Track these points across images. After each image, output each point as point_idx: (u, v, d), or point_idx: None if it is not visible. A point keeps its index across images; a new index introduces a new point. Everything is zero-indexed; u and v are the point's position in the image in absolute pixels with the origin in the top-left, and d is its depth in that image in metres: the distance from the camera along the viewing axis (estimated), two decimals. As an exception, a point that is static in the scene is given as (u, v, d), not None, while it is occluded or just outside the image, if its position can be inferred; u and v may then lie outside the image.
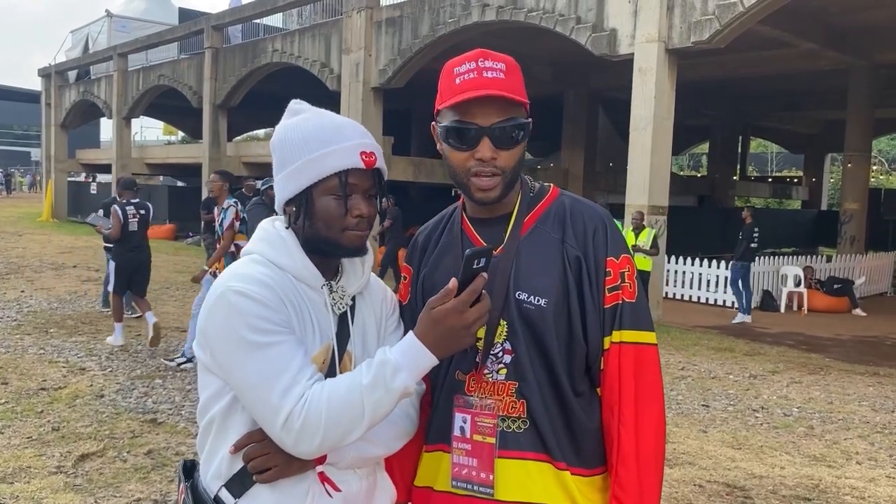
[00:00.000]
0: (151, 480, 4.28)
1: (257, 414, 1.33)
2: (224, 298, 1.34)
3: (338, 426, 1.29)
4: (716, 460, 5.08)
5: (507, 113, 1.44)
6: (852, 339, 10.72)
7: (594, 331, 1.48)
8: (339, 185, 1.39)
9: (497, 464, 1.47)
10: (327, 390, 1.29)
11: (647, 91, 11.02)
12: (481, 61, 1.46)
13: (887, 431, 5.98)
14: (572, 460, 1.47)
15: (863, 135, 16.73)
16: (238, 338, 1.31)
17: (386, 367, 1.30)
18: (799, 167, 35.04)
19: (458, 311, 1.29)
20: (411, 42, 14.94)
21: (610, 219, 1.56)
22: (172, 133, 46.84)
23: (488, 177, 1.46)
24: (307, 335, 1.39)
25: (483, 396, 1.49)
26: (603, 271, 1.49)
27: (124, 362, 7.06)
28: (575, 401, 1.48)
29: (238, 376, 1.33)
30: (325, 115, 1.47)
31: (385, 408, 1.31)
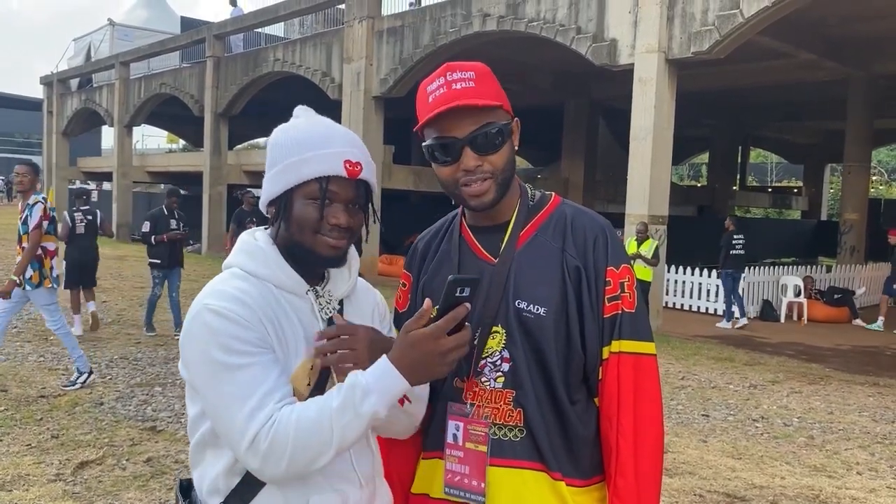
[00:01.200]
0: (150, 489, 4.28)
1: (224, 435, 1.31)
2: (199, 318, 1.32)
3: (305, 449, 1.26)
4: (716, 470, 5.07)
5: (481, 119, 1.45)
6: (852, 350, 10.71)
7: (592, 340, 1.48)
8: (319, 191, 1.37)
9: (492, 472, 1.47)
10: (296, 413, 1.27)
11: (648, 101, 11.05)
12: (449, 74, 1.47)
13: (888, 442, 5.98)
14: (568, 470, 1.48)
15: (862, 145, 16.77)
16: (210, 359, 1.29)
17: (356, 389, 1.26)
18: (798, 177, 35.10)
19: (434, 337, 1.26)
20: (412, 51, 15.00)
21: (611, 229, 1.56)
22: (174, 141, 46.92)
23: (479, 182, 1.46)
24: (289, 347, 1.36)
25: (476, 404, 1.50)
26: (603, 281, 1.49)
27: (124, 370, 7.06)
28: (572, 410, 1.48)
29: (208, 396, 1.31)
30: (319, 122, 1.45)
31: (354, 432, 1.28)
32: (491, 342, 1.51)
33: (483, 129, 1.45)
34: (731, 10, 10.27)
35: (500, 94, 1.50)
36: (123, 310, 10.61)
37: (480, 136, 1.45)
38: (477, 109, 1.44)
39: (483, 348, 1.50)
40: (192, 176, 24.46)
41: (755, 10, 10.05)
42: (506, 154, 1.49)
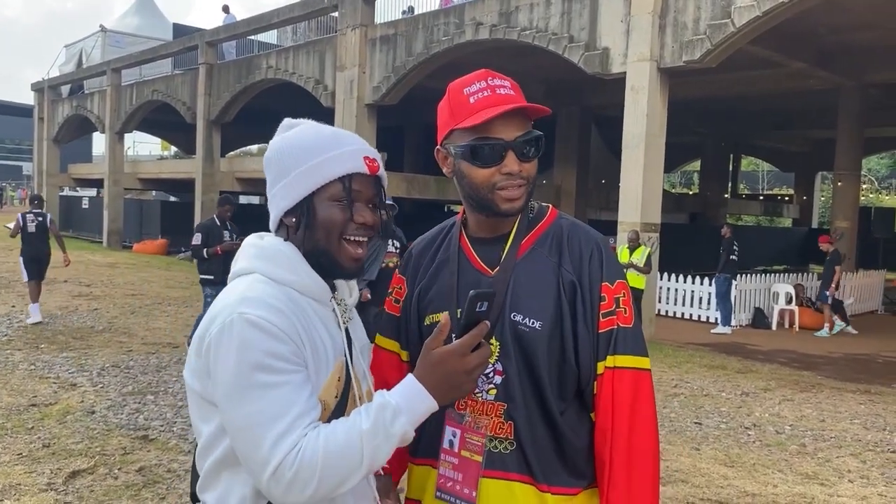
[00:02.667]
0: (143, 498, 4.25)
1: (245, 458, 1.24)
2: (233, 328, 1.24)
3: (334, 475, 1.21)
4: (709, 478, 5.08)
5: (525, 126, 1.48)
6: (844, 357, 10.76)
7: (586, 355, 1.49)
8: (343, 191, 1.34)
9: (482, 483, 1.48)
10: (323, 437, 1.21)
11: (640, 109, 11.10)
12: (491, 80, 1.49)
13: (879, 449, 6.00)
14: (555, 481, 1.48)
15: (853, 154, 16.88)
16: (241, 375, 1.22)
17: (386, 410, 1.23)
18: (790, 185, 35.31)
19: (459, 354, 1.26)
20: (405, 59, 15.03)
21: (605, 244, 1.57)
22: (166, 149, 46.84)
23: (516, 188, 1.47)
24: (321, 358, 1.32)
25: (475, 415, 1.50)
26: (598, 296, 1.50)
27: (115, 378, 7.02)
28: (563, 422, 1.49)
29: (231, 415, 1.23)
30: (322, 127, 1.43)
31: (383, 454, 1.24)
32: None
33: (529, 136, 1.48)
34: (722, 19, 10.34)
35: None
36: (115, 317, 10.56)
37: (525, 142, 1.47)
38: (524, 115, 1.48)
39: None
40: (183, 183, 24.43)
41: (746, 20, 10.12)
42: (536, 164, 1.52)
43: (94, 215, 28.17)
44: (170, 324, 10.31)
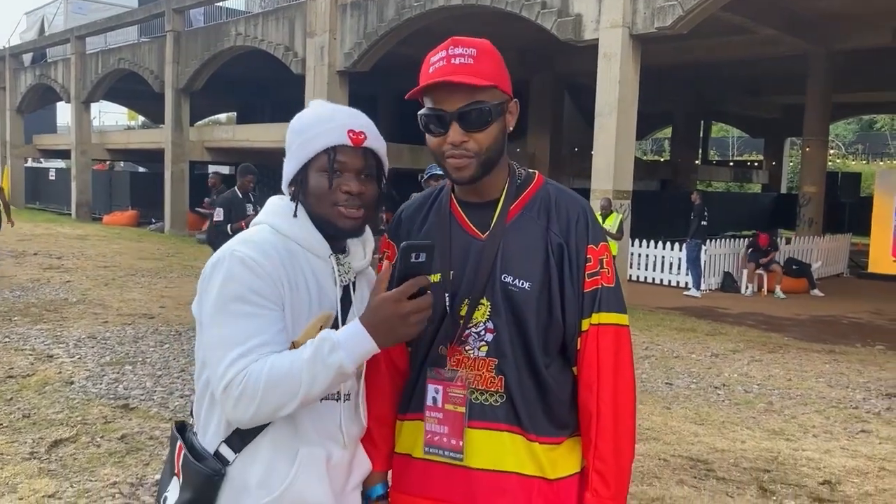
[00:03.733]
0: (126, 464, 4.30)
1: (210, 371, 1.42)
2: (225, 261, 1.44)
3: (274, 397, 1.36)
4: (679, 435, 5.24)
5: (473, 97, 1.49)
6: (810, 319, 11.04)
7: (572, 313, 1.57)
8: (328, 161, 1.48)
9: (472, 434, 1.55)
10: (269, 363, 1.36)
11: (612, 76, 11.15)
12: (451, 49, 1.52)
13: (842, 406, 6.22)
14: (542, 431, 1.56)
15: (821, 120, 17.13)
16: (222, 301, 1.41)
17: (325, 343, 1.37)
18: (759, 151, 35.67)
19: (393, 300, 1.36)
20: (377, 25, 14.88)
21: (590, 209, 1.64)
22: (134, 118, 45.97)
23: (460, 158, 1.52)
24: (301, 304, 1.47)
25: (455, 370, 1.57)
26: (584, 258, 1.57)
27: (92, 349, 7.01)
28: (549, 376, 1.57)
29: (207, 335, 1.44)
30: (327, 105, 1.57)
31: (321, 383, 1.37)
32: (476, 314, 1.57)
33: (471, 107, 1.49)
34: (693, -15, 10.37)
35: (496, 75, 1.53)
36: (88, 289, 10.48)
37: (468, 112, 1.50)
38: (467, 87, 1.48)
39: (469, 319, 1.57)
40: (152, 153, 24.08)
41: (717, -14, 10.18)
42: (493, 134, 1.53)
43: (61, 187, 27.71)
44: (144, 295, 10.26)
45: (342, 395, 1.55)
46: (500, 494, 1.54)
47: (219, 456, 1.47)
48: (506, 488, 1.54)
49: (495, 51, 1.56)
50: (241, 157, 23.58)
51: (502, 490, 1.54)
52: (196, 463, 1.48)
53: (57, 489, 3.94)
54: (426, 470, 1.60)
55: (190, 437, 1.55)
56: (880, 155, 40.94)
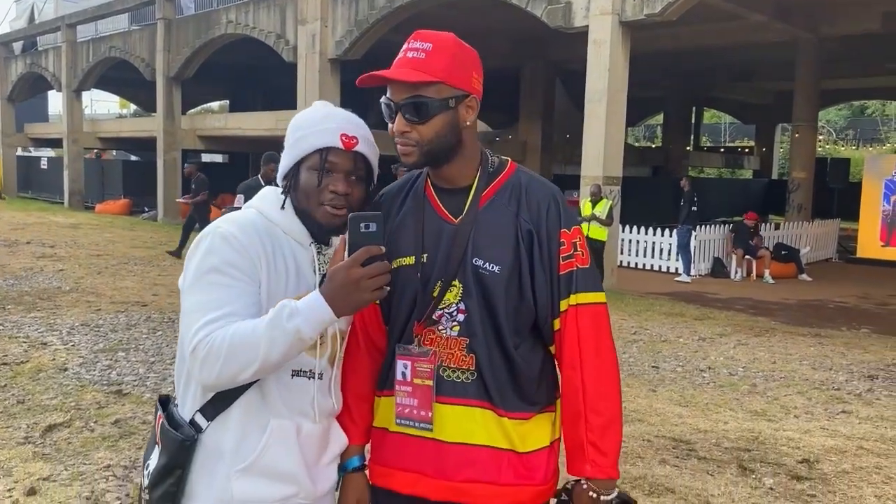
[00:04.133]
0: (120, 448, 4.38)
1: (182, 335, 1.54)
2: (208, 236, 1.56)
3: (235, 359, 1.45)
4: (664, 417, 5.35)
5: (415, 90, 1.57)
6: (798, 304, 11.17)
7: (543, 295, 1.65)
8: (320, 162, 1.59)
9: (444, 409, 1.64)
10: (232, 329, 1.47)
11: (602, 63, 11.21)
12: (411, 42, 1.62)
13: (824, 388, 6.34)
14: (511, 407, 1.65)
15: (810, 105, 17.22)
16: (201, 270, 1.53)
17: (284, 309, 1.46)
18: (751, 138, 35.76)
19: (345, 268, 1.46)
20: (368, 13, 14.88)
21: (561, 195, 1.72)
22: (125, 106, 45.78)
23: (404, 146, 1.62)
24: (278, 281, 1.58)
25: (424, 346, 1.66)
26: (557, 242, 1.65)
27: (86, 336, 7.08)
28: (517, 355, 1.65)
29: (185, 300, 1.55)
30: (324, 106, 1.69)
31: (279, 348, 1.45)
32: (448, 295, 1.65)
33: (412, 100, 1.58)
34: (682, -28, 10.42)
35: (447, 71, 1.59)
36: (81, 278, 10.53)
37: (409, 105, 1.59)
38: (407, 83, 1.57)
39: (441, 300, 1.65)
40: (145, 141, 24.01)
41: (706, -27, 10.23)
42: (436, 127, 1.59)
43: (53, 176, 27.65)
44: (137, 283, 10.31)
45: (315, 374, 1.64)
46: (470, 465, 1.62)
47: (193, 424, 1.58)
48: (475, 460, 1.62)
49: (457, 46, 1.62)
50: (233, 146, 23.60)
51: (472, 461, 1.62)
52: (171, 430, 1.58)
53: (51, 472, 4.02)
54: (400, 443, 1.68)
55: (171, 409, 1.65)
56: (871, 140, 41.07)
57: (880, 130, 41.30)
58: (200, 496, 1.57)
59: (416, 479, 1.66)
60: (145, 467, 1.66)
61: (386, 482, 1.71)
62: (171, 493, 1.56)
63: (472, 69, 1.64)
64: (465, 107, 1.63)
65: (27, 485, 3.84)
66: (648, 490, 4.06)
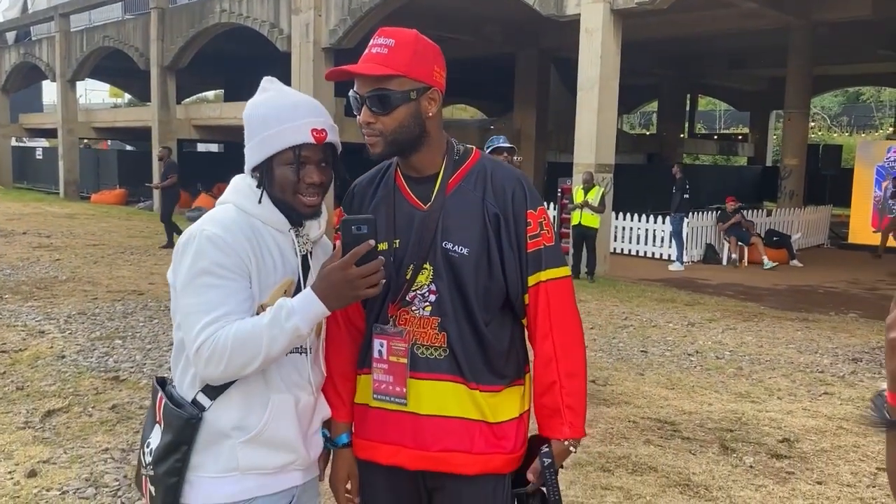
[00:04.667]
0: (118, 432, 4.50)
1: (184, 335, 1.62)
2: (195, 239, 1.63)
3: (239, 357, 1.56)
4: (650, 399, 5.48)
5: (378, 83, 1.66)
6: (788, 289, 11.29)
7: (513, 273, 1.76)
8: (294, 157, 1.66)
9: (419, 384, 1.75)
10: (234, 328, 1.56)
11: (594, 51, 11.27)
12: (375, 38, 1.71)
13: (809, 370, 6.47)
14: (482, 380, 1.76)
15: (802, 92, 17.29)
16: (193, 274, 1.60)
17: (282, 310, 1.57)
18: (746, 124, 35.82)
19: (339, 268, 1.57)
20: (361, 2, 14.91)
21: (525, 178, 1.83)
22: (119, 96, 45.65)
23: (369, 136, 1.72)
24: (267, 272, 1.67)
25: (399, 326, 1.76)
26: (524, 223, 1.75)
27: (83, 325, 7.18)
28: (487, 331, 1.76)
29: (180, 304, 1.63)
30: (286, 95, 1.72)
31: (280, 345, 1.57)
32: (420, 277, 1.76)
33: (375, 92, 1.68)
34: (673, -40, 10.48)
35: (408, 65, 1.68)
36: (78, 267, 10.61)
37: (372, 97, 1.68)
38: (370, 76, 1.67)
39: (413, 282, 1.76)
40: (139, 131, 24.02)
41: (696, -39, 10.28)
42: (399, 118, 1.68)
43: (48, 166, 27.64)
44: (133, 272, 10.41)
45: (306, 349, 1.75)
46: (446, 436, 1.73)
47: (196, 403, 1.67)
48: (450, 431, 1.73)
49: (418, 42, 1.71)
50: (229, 135, 23.59)
51: (447, 432, 1.73)
52: (176, 409, 1.67)
53: (51, 455, 4.13)
54: (381, 417, 1.79)
55: (169, 389, 1.74)
56: (865, 127, 41.15)
57: (874, 117, 41.37)
58: (207, 468, 1.66)
59: (396, 451, 1.76)
60: (145, 445, 1.74)
61: (369, 455, 1.81)
62: (177, 468, 1.65)
63: (434, 63, 1.73)
64: (427, 99, 1.72)
65: (28, 467, 3.95)
66: (632, 469, 4.18)
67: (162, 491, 1.67)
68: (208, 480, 1.66)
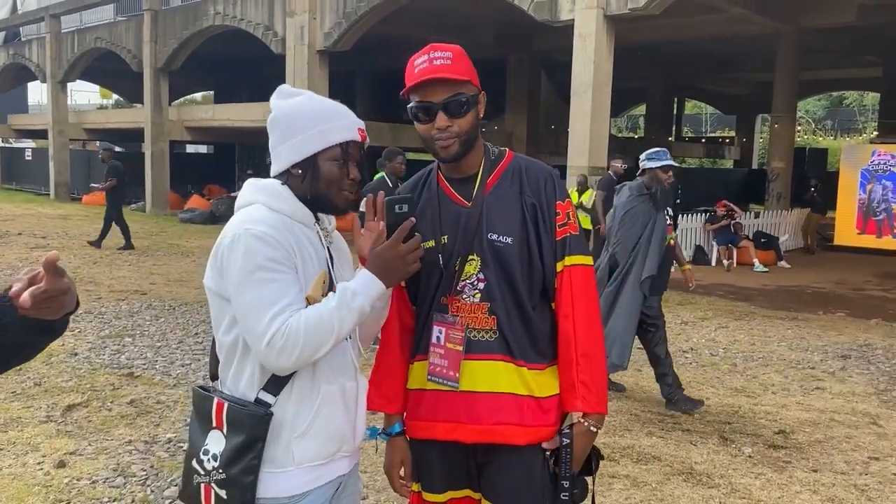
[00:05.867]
0: (138, 425, 4.63)
1: (247, 334, 1.66)
2: (241, 239, 1.67)
3: (313, 341, 1.63)
4: (649, 394, 5.67)
5: (454, 90, 1.85)
6: (777, 289, 11.54)
7: (549, 258, 1.95)
8: (342, 153, 1.78)
9: (472, 365, 1.92)
10: (304, 315, 1.63)
11: (587, 56, 11.48)
12: (432, 53, 1.89)
13: (800, 367, 6.69)
14: (529, 359, 1.94)
15: (788, 96, 17.59)
16: (247, 272, 1.65)
17: (347, 292, 1.69)
18: (732, 128, 36.23)
19: (391, 247, 1.72)
20: (356, 5, 15.05)
21: (555, 172, 2.03)
22: (107, 97, 45.51)
23: (447, 139, 1.88)
24: (308, 265, 1.74)
25: (456, 315, 1.93)
26: (553, 212, 1.95)
27: (91, 323, 7.29)
28: (533, 313, 1.94)
29: (239, 302, 1.67)
30: (322, 99, 1.86)
31: (348, 324, 1.68)
32: (468, 268, 1.94)
33: (454, 98, 1.87)
34: (665, -33, 10.70)
35: (470, 72, 1.91)
36: (78, 267, 10.71)
37: (451, 102, 1.86)
38: (451, 81, 1.86)
39: (462, 273, 1.93)
40: (130, 132, 24.03)
41: (688, -32, 10.51)
42: (470, 120, 1.90)
43: (38, 167, 27.54)
44: (133, 272, 10.50)
45: (349, 335, 1.84)
46: (498, 411, 1.91)
47: (259, 402, 1.72)
48: (502, 405, 1.91)
49: (466, 55, 1.93)
50: (220, 137, 23.66)
51: (499, 407, 1.91)
52: (245, 408, 1.73)
53: (77, 447, 4.26)
54: (437, 398, 1.95)
55: (220, 394, 1.77)
56: (848, 130, 41.74)
57: (857, 121, 41.96)
58: (271, 462, 1.73)
59: (453, 427, 1.93)
60: (201, 454, 1.74)
61: (427, 433, 1.98)
62: (253, 466, 1.70)
63: (476, 72, 1.95)
64: (480, 103, 1.95)
65: (55, 458, 4.09)
66: (636, 458, 4.36)
67: (239, 491, 1.69)
68: (269, 476, 1.71)
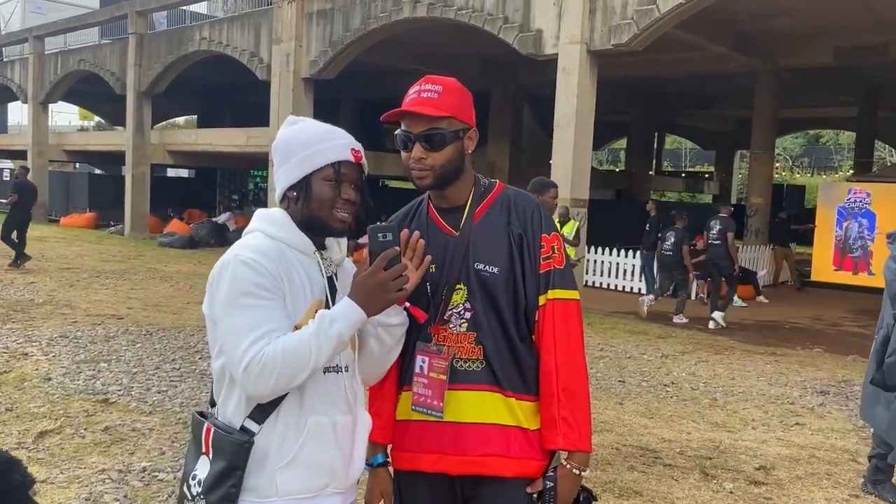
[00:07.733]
0: (112, 453, 4.53)
1: (228, 359, 1.68)
2: (230, 265, 1.70)
3: (290, 368, 1.62)
4: (631, 428, 5.65)
5: (432, 124, 1.86)
6: (755, 324, 11.62)
7: (531, 290, 1.94)
8: (334, 173, 1.78)
9: (458, 395, 1.90)
10: (282, 342, 1.63)
11: (570, 90, 11.62)
12: (423, 84, 1.92)
13: (780, 402, 6.71)
14: (517, 389, 1.92)
15: (767, 133, 17.88)
16: (233, 297, 1.67)
17: (325, 319, 1.66)
18: (711, 163, 36.73)
19: (371, 274, 1.70)
20: (342, 35, 15.16)
21: (541, 206, 2.03)
22: (88, 118, 45.28)
23: (420, 171, 1.89)
24: (297, 293, 1.74)
25: (441, 345, 1.92)
26: (538, 245, 1.95)
27: (66, 347, 7.16)
28: (520, 344, 1.93)
29: (224, 325, 1.68)
30: (320, 124, 1.88)
31: (326, 352, 1.65)
32: (455, 297, 1.93)
33: (429, 132, 1.88)
34: (648, 5, 10.89)
35: (455, 108, 1.90)
36: (53, 290, 10.55)
37: (425, 136, 1.88)
38: (427, 116, 1.87)
39: (449, 302, 1.92)
40: (111, 155, 23.91)
41: (671, 6, 10.71)
42: (448, 154, 1.89)
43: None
44: (110, 296, 10.36)
45: (342, 367, 1.84)
46: (485, 442, 1.88)
47: (244, 429, 1.72)
48: (489, 436, 1.89)
49: (460, 88, 1.93)
50: (202, 161, 23.61)
51: (486, 438, 1.89)
52: (228, 436, 1.73)
53: (48, 475, 4.15)
54: (421, 429, 1.93)
55: (213, 420, 1.80)
56: (825, 168, 42.49)
57: (833, 159, 42.74)
58: (254, 491, 1.72)
59: (438, 458, 1.91)
60: (190, 478, 1.76)
61: (412, 465, 1.95)
62: (231, 494, 1.70)
63: (472, 107, 1.97)
64: (468, 138, 1.95)
65: (26, 487, 3.97)
66: (618, 493, 4.33)
67: None
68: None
